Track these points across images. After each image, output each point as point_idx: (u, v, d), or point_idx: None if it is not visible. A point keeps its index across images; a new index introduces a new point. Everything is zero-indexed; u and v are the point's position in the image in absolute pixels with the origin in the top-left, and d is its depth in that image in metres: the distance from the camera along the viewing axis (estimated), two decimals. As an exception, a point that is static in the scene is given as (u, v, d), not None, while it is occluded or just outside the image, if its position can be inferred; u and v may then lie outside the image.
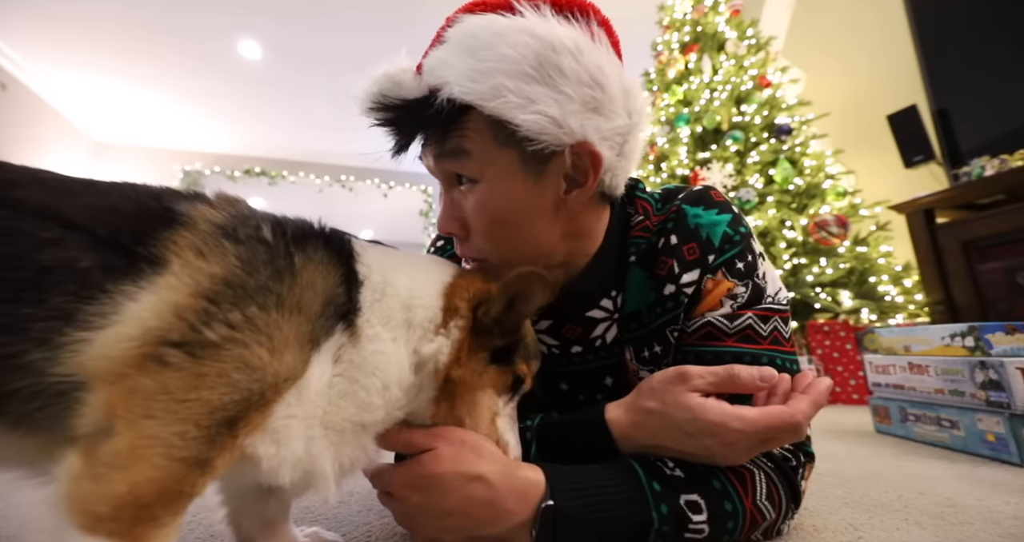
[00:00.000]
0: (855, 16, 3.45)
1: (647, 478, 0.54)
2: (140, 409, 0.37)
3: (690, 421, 0.53)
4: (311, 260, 0.49)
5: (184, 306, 0.40)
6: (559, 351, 0.75)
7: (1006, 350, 1.10)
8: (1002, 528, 0.65)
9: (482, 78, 0.54)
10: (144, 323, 0.39)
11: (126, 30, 4.10)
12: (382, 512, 0.77)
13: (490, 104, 0.55)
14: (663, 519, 0.52)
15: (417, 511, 0.53)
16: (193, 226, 0.45)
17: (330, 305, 0.48)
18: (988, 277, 2.34)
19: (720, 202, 0.70)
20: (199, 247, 0.43)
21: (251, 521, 0.59)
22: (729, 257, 0.67)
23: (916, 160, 2.75)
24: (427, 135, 0.62)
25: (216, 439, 0.39)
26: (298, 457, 0.45)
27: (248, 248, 0.45)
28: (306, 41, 4.39)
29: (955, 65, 2.64)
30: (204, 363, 0.39)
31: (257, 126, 5.81)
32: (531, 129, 0.55)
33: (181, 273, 0.41)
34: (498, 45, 0.54)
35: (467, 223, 0.64)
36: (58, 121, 5.20)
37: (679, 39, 3.34)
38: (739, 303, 0.66)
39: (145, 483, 0.36)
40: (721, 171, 2.76)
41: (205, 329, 0.40)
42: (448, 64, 0.56)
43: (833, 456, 1.12)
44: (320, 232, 0.54)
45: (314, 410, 0.47)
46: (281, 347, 0.43)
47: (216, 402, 0.39)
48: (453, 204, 0.64)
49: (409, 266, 0.58)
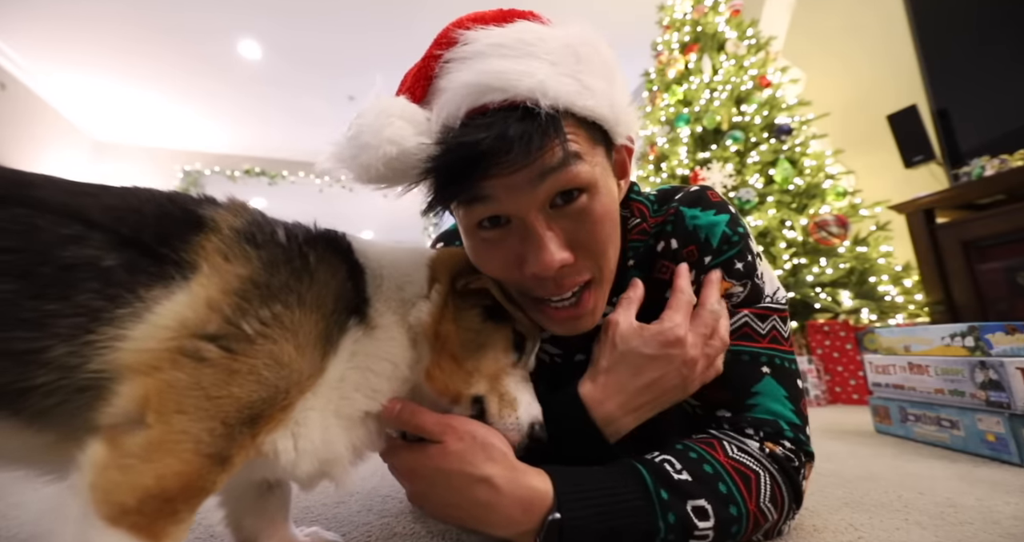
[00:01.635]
0: (855, 16, 3.45)
1: (655, 485, 0.54)
2: (174, 404, 0.38)
3: (645, 342, 0.60)
4: (322, 260, 0.51)
5: (218, 301, 0.42)
6: (561, 360, 0.75)
7: (1006, 350, 1.10)
8: (1002, 528, 0.65)
9: (569, 80, 0.51)
10: (180, 315, 0.40)
11: (126, 30, 4.10)
12: (382, 512, 0.77)
13: (588, 104, 0.53)
14: (669, 528, 0.52)
15: (421, 496, 0.55)
16: (219, 231, 0.46)
17: (341, 300, 0.50)
18: (988, 277, 2.34)
19: (717, 202, 0.70)
20: (225, 251, 0.45)
21: (251, 521, 0.59)
22: (727, 258, 0.67)
23: (916, 160, 2.75)
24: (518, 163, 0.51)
25: (237, 437, 0.40)
26: (316, 447, 0.47)
27: (268, 251, 0.47)
28: (306, 41, 4.39)
29: (955, 65, 2.63)
30: (237, 359, 0.41)
31: (257, 126, 5.81)
32: (608, 121, 0.55)
33: (211, 274, 0.43)
34: (569, 46, 0.52)
35: (582, 244, 0.57)
36: (58, 121, 5.20)
37: (679, 39, 3.34)
38: (736, 302, 0.66)
39: (172, 477, 0.37)
40: (721, 171, 2.76)
41: (242, 322, 0.42)
42: (526, 72, 0.49)
43: (833, 456, 1.12)
44: (319, 233, 0.56)
45: (329, 401, 0.48)
46: (305, 345, 0.45)
47: (245, 399, 0.40)
48: (558, 230, 0.55)
49: (395, 251, 0.61)
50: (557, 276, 0.57)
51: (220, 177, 6.05)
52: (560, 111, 0.51)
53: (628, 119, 0.58)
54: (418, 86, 0.55)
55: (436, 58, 0.54)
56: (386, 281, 0.56)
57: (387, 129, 0.50)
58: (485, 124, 0.49)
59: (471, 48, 0.51)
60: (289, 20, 4.13)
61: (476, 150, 0.48)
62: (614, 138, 0.59)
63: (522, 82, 0.49)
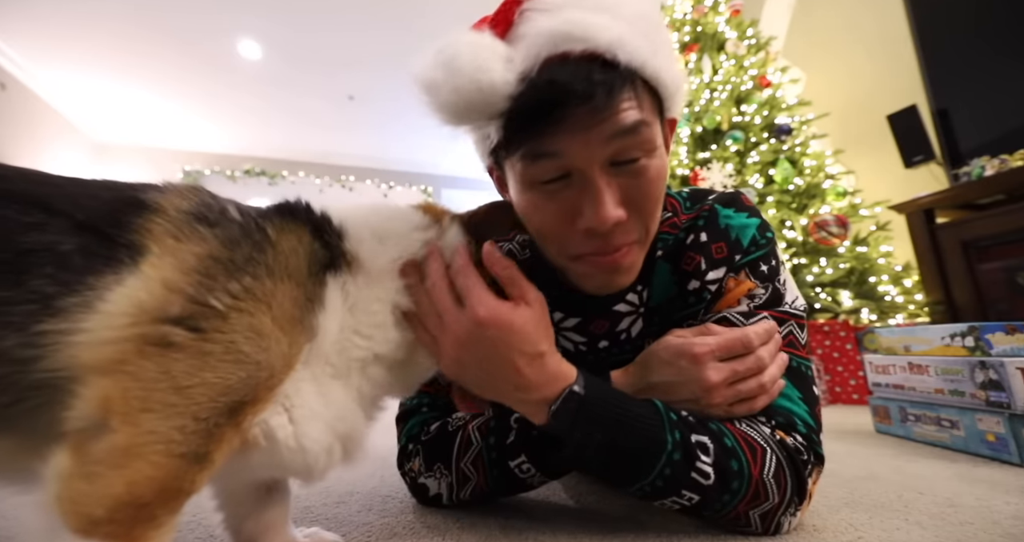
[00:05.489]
0: (855, 16, 3.44)
1: (665, 410, 0.58)
2: (138, 402, 0.35)
3: (664, 348, 0.62)
4: (282, 229, 0.49)
5: (176, 280, 0.39)
6: (586, 348, 0.76)
7: (1006, 350, 1.10)
8: (1002, 528, 0.65)
9: (640, 38, 0.52)
10: (136, 299, 0.38)
11: (126, 30, 4.09)
12: (383, 512, 0.77)
13: (659, 65, 0.54)
14: (675, 445, 0.55)
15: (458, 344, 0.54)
16: (164, 212, 0.44)
17: (315, 263, 0.49)
18: (988, 277, 2.33)
19: (750, 206, 0.72)
20: (174, 232, 0.42)
21: (251, 525, 0.58)
22: (754, 258, 0.68)
23: (916, 160, 2.75)
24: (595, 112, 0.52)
25: (215, 431, 0.38)
26: (317, 412, 0.45)
27: (223, 229, 0.45)
28: (306, 41, 4.38)
29: (955, 65, 2.63)
30: (210, 337, 0.38)
31: (257, 126, 5.81)
32: (669, 89, 0.57)
33: (163, 254, 0.40)
34: (633, 8, 0.53)
35: (636, 203, 0.58)
36: (58, 121, 5.19)
37: (679, 39, 3.33)
38: (757, 303, 0.67)
39: (144, 482, 0.35)
40: (721, 171, 2.76)
41: (209, 297, 0.39)
42: (604, 25, 0.50)
43: (833, 456, 1.12)
44: (272, 206, 0.55)
45: (325, 366, 0.47)
46: (281, 315, 0.43)
47: (220, 385, 0.38)
48: (615, 188, 0.56)
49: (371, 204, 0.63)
50: (608, 233, 0.58)
51: (220, 177, 6.05)
52: (635, 69, 0.52)
53: (681, 95, 0.60)
54: (498, 28, 0.55)
55: (517, 3, 0.54)
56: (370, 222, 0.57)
57: (480, 58, 0.50)
58: (568, 70, 0.49)
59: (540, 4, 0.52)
60: (289, 20, 4.12)
61: (562, 90, 0.49)
62: (669, 109, 0.60)
63: (603, 34, 0.50)
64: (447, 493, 0.74)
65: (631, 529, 0.65)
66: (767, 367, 0.61)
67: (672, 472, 0.55)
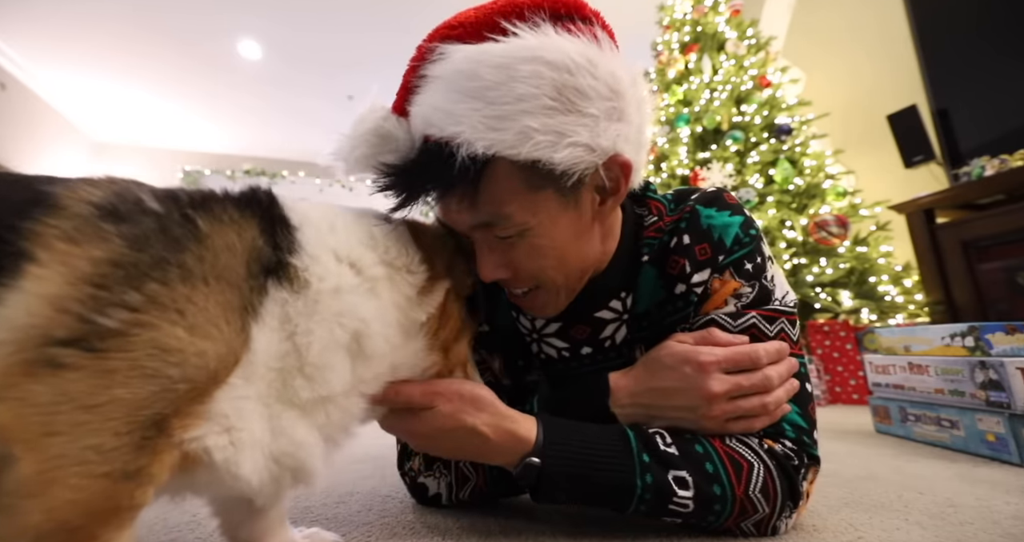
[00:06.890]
0: (855, 16, 3.44)
1: (638, 448, 0.58)
2: (39, 427, 0.32)
3: (668, 354, 0.62)
4: (220, 221, 0.43)
5: (63, 296, 0.34)
6: (569, 354, 0.75)
7: (1006, 350, 1.10)
8: (1002, 528, 0.65)
9: (503, 125, 0.49)
10: (14, 323, 0.33)
11: (126, 30, 4.09)
12: (382, 512, 0.77)
13: (521, 151, 0.50)
14: (646, 487, 0.56)
15: (423, 448, 0.65)
16: (62, 210, 0.38)
17: (256, 263, 0.43)
18: (988, 277, 2.33)
19: (733, 204, 0.71)
20: (70, 234, 0.37)
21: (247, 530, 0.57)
22: (739, 257, 0.67)
23: (916, 160, 2.75)
24: (451, 194, 0.57)
25: (145, 444, 0.35)
26: (260, 439, 0.41)
27: (132, 224, 0.39)
28: (306, 41, 4.39)
29: (955, 65, 2.63)
30: (109, 356, 0.34)
31: (257, 126, 5.81)
32: (567, 164, 0.52)
33: (50, 263, 0.35)
34: (510, 83, 0.49)
35: (517, 267, 0.61)
36: (58, 121, 5.20)
37: (679, 39, 3.34)
38: (744, 302, 0.66)
39: (64, 507, 0.32)
40: (721, 171, 2.76)
41: (98, 316, 0.34)
42: (454, 115, 0.50)
43: (833, 456, 1.12)
44: (227, 192, 0.48)
45: (270, 386, 0.43)
46: (202, 323, 0.38)
47: (134, 400, 0.34)
48: (496, 252, 0.61)
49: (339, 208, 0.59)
50: (503, 282, 0.64)
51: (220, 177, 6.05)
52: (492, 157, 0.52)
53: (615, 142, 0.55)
54: (400, 99, 0.60)
55: (414, 70, 0.56)
56: (339, 232, 0.52)
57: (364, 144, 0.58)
58: (426, 150, 0.54)
59: (436, 68, 0.52)
60: (289, 20, 4.12)
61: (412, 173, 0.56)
62: (584, 171, 0.55)
63: (448, 128, 0.51)
64: (446, 493, 0.74)
65: (631, 529, 0.65)
66: (773, 388, 0.61)
67: (648, 508, 0.57)
